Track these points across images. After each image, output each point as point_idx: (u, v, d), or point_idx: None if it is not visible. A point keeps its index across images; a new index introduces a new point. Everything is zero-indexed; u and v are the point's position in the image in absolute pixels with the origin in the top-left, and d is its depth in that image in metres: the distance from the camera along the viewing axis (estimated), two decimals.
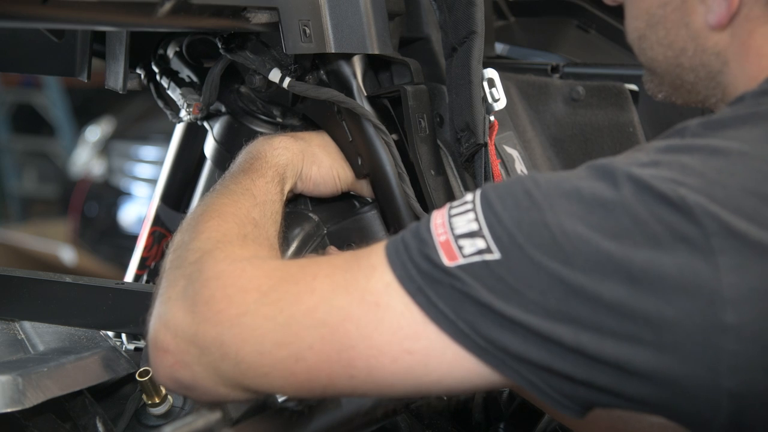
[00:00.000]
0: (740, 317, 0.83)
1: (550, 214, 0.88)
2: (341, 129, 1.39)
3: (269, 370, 0.96)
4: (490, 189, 0.93)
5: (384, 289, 0.92)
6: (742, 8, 0.98)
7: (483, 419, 1.45)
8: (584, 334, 0.86)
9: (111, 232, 5.32)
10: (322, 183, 1.37)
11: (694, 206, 0.84)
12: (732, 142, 0.89)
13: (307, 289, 0.96)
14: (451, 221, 0.92)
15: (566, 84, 1.64)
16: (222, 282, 0.99)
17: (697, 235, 0.84)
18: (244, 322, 0.96)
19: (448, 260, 0.90)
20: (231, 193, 1.20)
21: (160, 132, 5.13)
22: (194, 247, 1.08)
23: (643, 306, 0.84)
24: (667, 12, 1.04)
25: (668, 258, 0.84)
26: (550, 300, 0.87)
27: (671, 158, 0.89)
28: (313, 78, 1.41)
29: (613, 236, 0.85)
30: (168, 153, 1.74)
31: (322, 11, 1.31)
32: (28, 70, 1.47)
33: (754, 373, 0.83)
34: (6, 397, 1.06)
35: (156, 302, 1.03)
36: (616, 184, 0.87)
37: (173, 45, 1.51)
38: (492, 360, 0.90)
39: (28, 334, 1.28)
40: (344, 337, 0.93)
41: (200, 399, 1.04)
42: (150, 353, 1.01)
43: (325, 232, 1.43)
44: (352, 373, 0.94)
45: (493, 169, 1.38)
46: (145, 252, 1.71)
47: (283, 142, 1.33)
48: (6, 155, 7.15)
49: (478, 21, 1.36)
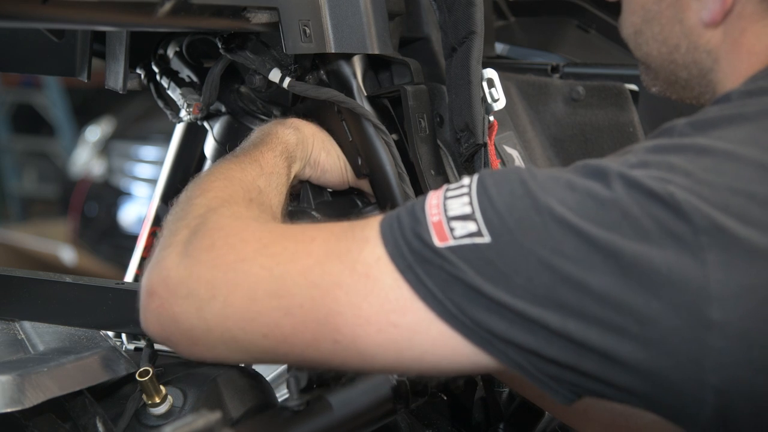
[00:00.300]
0: (726, 314, 0.83)
1: (543, 203, 0.89)
2: (341, 129, 1.39)
3: (256, 317, 0.97)
4: (487, 175, 0.94)
5: (375, 263, 0.94)
6: (735, 5, 0.99)
7: (483, 419, 1.45)
8: (571, 321, 0.87)
9: (111, 232, 5.32)
10: (329, 170, 1.37)
11: (683, 203, 0.85)
12: (718, 141, 0.90)
13: (305, 250, 0.98)
14: (445, 203, 0.94)
15: (566, 84, 1.64)
16: (225, 232, 1.01)
17: (685, 232, 0.84)
18: (240, 268, 0.98)
19: (439, 241, 0.91)
20: (239, 161, 1.21)
21: (160, 132, 5.14)
22: (199, 203, 1.10)
23: (630, 298, 0.85)
24: (662, 8, 1.05)
25: (657, 252, 0.85)
26: (538, 286, 0.88)
27: (659, 158, 0.90)
28: (313, 78, 1.41)
29: (603, 226, 0.86)
30: (168, 153, 1.74)
31: (322, 11, 1.31)
32: (28, 70, 1.47)
33: (739, 369, 0.84)
34: (6, 397, 1.06)
35: (155, 250, 1.05)
36: (608, 183, 0.88)
37: (173, 45, 1.51)
38: (478, 340, 0.91)
39: (28, 334, 1.28)
40: (333, 302, 0.95)
41: (177, 347, 1.05)
42: (140, 298, 1.03)
43: None
44: (336, 338, 0.96)
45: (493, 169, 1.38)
46: (145, 252, 1.71)
47: (295, 123, 1.33)
48: (6, 155, 7.15)
49: (477, 21, 1.37)
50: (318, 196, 1.45)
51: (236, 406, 1.17)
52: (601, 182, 0.89)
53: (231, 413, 1.16)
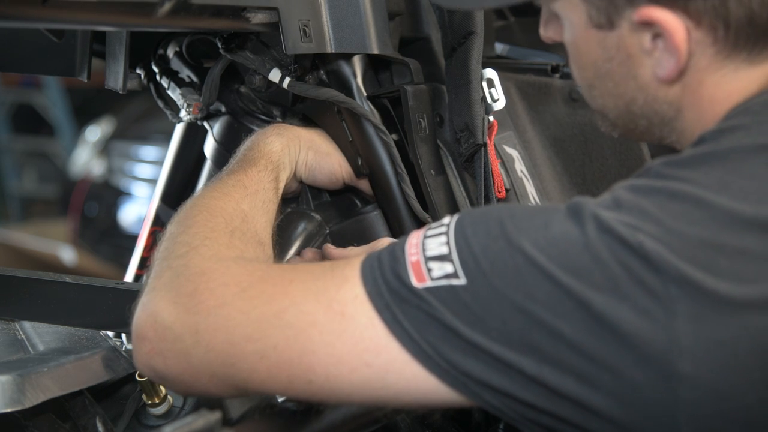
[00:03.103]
0: (697, 367, 0.83)
1: (516, 244, 0.89)
2: (341, 129, 1.39)
3: (235, 362, 0.98)
4: (466, 215, 0.94)
5: (351, 301, 0.94)
6: (690, 59, 0.96)
7: (483, 419, 1.45)
8: (546, 368, 0.87)
9: (111, 232, 5.31)
10: (317, 169, 1.37)
11: (653, 253, 0.85)
12: (689, 185, 0.89)
13: (282, 292, 0.98)
14: (424, 242, 0.94)
15: (566, 84, 1.64)
16: (206, 278, 1.02)
17: (655, 282, 0.84)
18: (219, 313, 0.98)
19: (417, 281, 0.91)
20: (223, 186, 1.21)
21: (160, 132, 5.13)
22: (182, 240, 1.10)
23: (602, 350, 0.85)
24: (613, 66, 1.01)
25: (627, 305, 0.85)
26: (513, 330, 0.88)
27: (633, 200, 0.89)
28: (313, 78, 1.41)
29: (574, 273, 0.86)
30: (168, 153, 1.73)
31: (322, 11, 1.31)
32: (28, 70, 1.47)
33: (712, 421, 0.84)
34: (6, 397, 1.06)
35: (143, 291, 1.06)
36: (582, 225, 0.88)
37: (173, 45, 1.51)
38: (453, 382, 0.91)
39: (28, 334, 1.28)
40: (307, 341, 0.95)
41: (172, 386, 1.07)
42: (132, 339, 1.04)
43: (327, 232, 1.44)
44: (310, 378, 0.96)
45: (493, 169, 1.38)
46: (145, 252, 1.71)
47: (276, 129, 1.34)
48: (6, 155, 7.14)
49: (477, 21, 1.37)
50: (317, 197, 1.45)
51: (236, 406, 1.17)
52: (576, 223, 0.89)
53: (231, 413, 1.16)
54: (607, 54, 1.00)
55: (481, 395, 0.91)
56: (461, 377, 0.90)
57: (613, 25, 0.98)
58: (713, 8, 0.92)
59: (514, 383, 0.89)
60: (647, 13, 0.94)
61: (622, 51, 0.99)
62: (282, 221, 1.29)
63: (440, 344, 0.90)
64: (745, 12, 0.92)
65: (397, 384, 0.93)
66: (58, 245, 5.59)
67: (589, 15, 0.99)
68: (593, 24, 0.99)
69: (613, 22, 0.97)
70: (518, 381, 0.88)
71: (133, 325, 1.04)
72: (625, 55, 0.99)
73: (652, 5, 0.93)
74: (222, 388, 1.02)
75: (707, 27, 0.94)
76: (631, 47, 0.98)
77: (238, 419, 1.15)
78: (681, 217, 0.87)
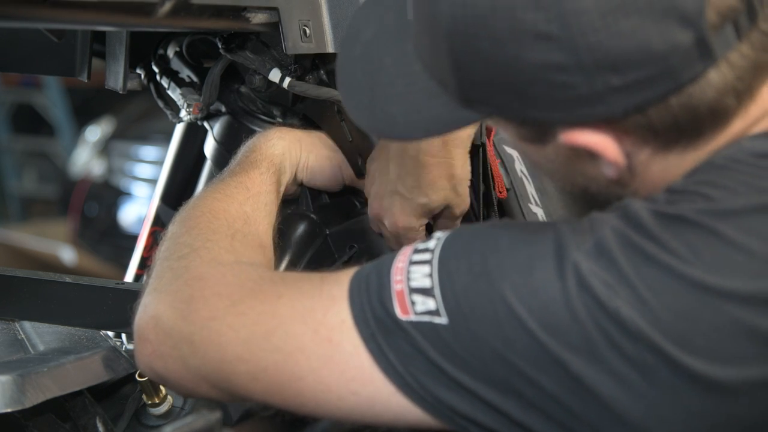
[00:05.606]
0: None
1: (498, 289, 0.87)
2: (341, 129, 1.39)
3: (230, 378, 0.98)
4: (451, 240, 0.92)
5: (338, 326, 0.93)
6: (630, 158, 0.93)
7: None
8: (531, 413, 0.87)
9: (111, 232, 5.31)
10: (319, 171, 1.37)
11: (629, 321, 0.83)
12: (662, 252, 0.85)
13: (270, 311, 0.97)
14: (410, 269, 0.92)
15: None
16: (203, 284, 1.02)
17: (633, 350, 0.83)
18: (212, 327, 0.99)
19: (401, 313, 0.90)
20: (225, 187, 1.21)
21: (160, 132, 5.12)
22: (184, 241, 1.10)
23: (581, 407, 0.85)
24: (557, 166, 0.99)
25: (604, 369, 0.84)
26: (496, 372, 0.87)
27: (612, 253, 0.86)
28: (313, 78, 1.41)
29: (552, 332, 0.85)
30: (168, 153, 1.73)
31: (322, 11, 1.31)
32: (28, 70, 1.47)
33: None
34: (6, 397, 1.06)
35: (145, 291, 1.07)
36: (563, 275, 0.86)
37: (173, 45, 1.51)
38: (440, 415, 0.91)
39: (28, 334, 1.28)
40: (295, 367, 0.94)
41: (174, 389, 1.08)
42: (134, 339, 1.05)
43: (327, 233, 1.44)
44: (302, 402, 0.96)
45: (493, 169, 1.38)
46: (145, 252, 1.70)
47: (278, 132, 1.34)
48: (6, 155, 7.14)
49: None
50: (316, 198, 1.45)
51: (236, 406, 1.17)
52: (558, 272, 0.86)
53: (231, 413, 1.16)
54: (548, 159, 0.98)
55: (468, 429, 0.91)
56: (447, 412, 0.90)
57: (545, 143, 0.95)
58: (635, 122, 0.88)
59: (502, 423, 0.89)
60: (572, 138, 0.91)
61: (562, 158, 0.96)
62: (282, 223, 1.29)
63: (425, 379, 0.90)
64: (668, 118, 0.88)
65: (385, 413, 0.94)
66: (58, 245, 5.59)
67: (519, 133, 0.97)
68: (527, 140, 0.97)
69: (545, 141, 0.95)
70: (504, 422, 0.88)
71: (135, 325, 1.05)
72: (566, 160, 0.96)
73: (576, 129, 0.90)
74: (223, 396, 1.03)
75: (636, 137, 0.90)
76: (569, 157, 0.95)
77: (238, 419, 1.15)
78: (655, 285, 0.84)
